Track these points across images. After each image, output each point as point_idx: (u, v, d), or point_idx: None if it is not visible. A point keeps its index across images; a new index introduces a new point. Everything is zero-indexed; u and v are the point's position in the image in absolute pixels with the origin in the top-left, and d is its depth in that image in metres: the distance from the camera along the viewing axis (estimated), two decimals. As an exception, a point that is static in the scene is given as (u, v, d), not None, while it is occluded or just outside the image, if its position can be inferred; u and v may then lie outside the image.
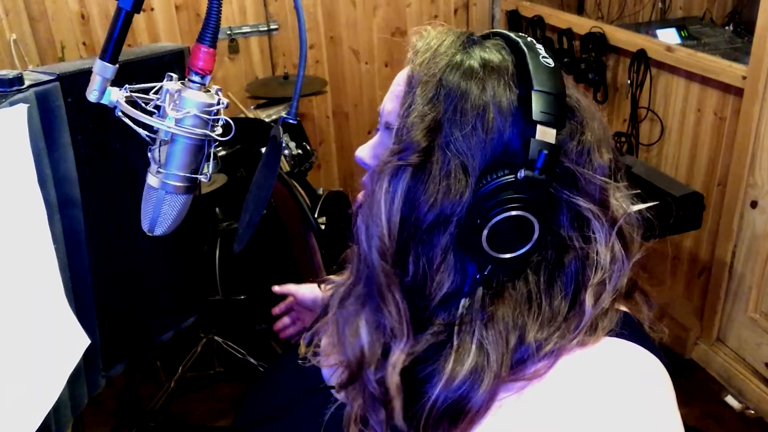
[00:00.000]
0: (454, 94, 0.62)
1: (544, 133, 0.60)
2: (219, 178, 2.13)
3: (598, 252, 0.63)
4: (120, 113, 0.64)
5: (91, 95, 0.64)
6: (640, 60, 2.38)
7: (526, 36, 0.66)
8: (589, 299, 0.62)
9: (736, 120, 2.06)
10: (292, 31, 2.91)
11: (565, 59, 2.66)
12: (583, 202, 0.62)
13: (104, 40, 0.64)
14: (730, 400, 2.17)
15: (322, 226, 2.09)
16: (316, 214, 2.12)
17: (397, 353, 0.64)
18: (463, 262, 0.63)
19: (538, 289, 0.64)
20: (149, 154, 0.66)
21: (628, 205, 0.67)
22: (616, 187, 0.66)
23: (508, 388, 0.61)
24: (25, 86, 0.85)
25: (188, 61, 0.65)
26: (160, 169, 0.66)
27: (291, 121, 0.76)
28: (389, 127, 0.68)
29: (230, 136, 0.66)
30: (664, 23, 2.85)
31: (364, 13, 3.00)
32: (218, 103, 0.66)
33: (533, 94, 0.60)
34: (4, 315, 0.74)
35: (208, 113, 0.65)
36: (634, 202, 0.68)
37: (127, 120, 0.64)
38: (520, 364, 0.61)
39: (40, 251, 0.81)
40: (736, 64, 2.07)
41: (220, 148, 2.11)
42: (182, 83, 0.65)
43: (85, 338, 0.86)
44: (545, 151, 0.59)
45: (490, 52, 0.64)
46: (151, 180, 0.67)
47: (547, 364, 0.61)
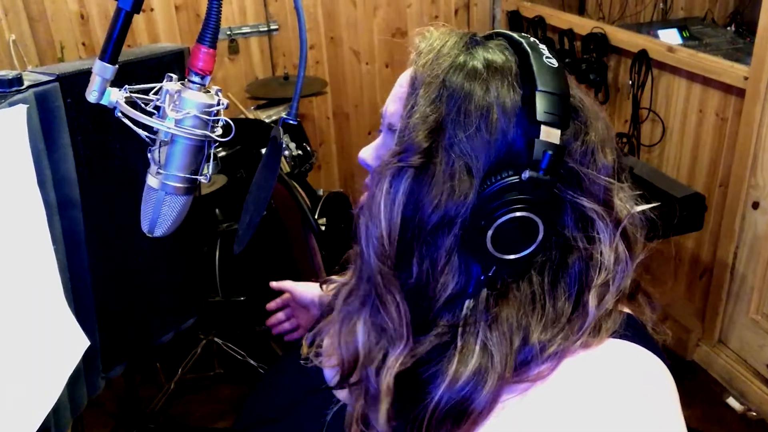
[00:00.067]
0: (457, 95, 0.61)
1: (549, 134, 0.59)
2: (219, 179, 2.12)
3: (602, 253, 0.63)
4: (120, 114, 0.64)
5: (91, 96, 0.63)
6: (642, 60, 2.38)
7: (529, 36, 0.66)
8: (593, 300, 0.62)
9: (737, 121, 2.06)
10: (293, 31, 2.91)
11: (566, 60, 2.66)
12: (587, 203, 0.62)
13: (104, 40, 0.63)
14: (732, 401, 2.16)
15: (323, 227, 2.09)
16: (316, 215, 2.12)
17: (395, 355, 0.64)
18: (468, 263, 0.63)
19: (542, 290, 0.63)
20: (149, 155, 0.66)
21: (632, 205, 0.67)
22: (620, 188, 0.66)
23: (512, 390, 0.61)
24: (24, 87, 0.85)
25: (188, 61, 0.65)
26: (160, 170, 0.65)
27: (291, 122, 0.76)
28: (392, 129, 0.68)
29: (230, 136, 0.66)
30: (666, 24, 2.85)
31: (365, 14, 3.00)
32: (218, 104, 0.65)
33: (537, 94, 0.60)
34: (4, 316, 0.74)
35: (208, 114, 0.65)
36: (638, 203, 0.68)
37: (126, 121, 0.63)
38: (523, 366, 0.61)
39: (40, 252, 0.81)
40: (737, 64, 2.07)
41: (220, 149, 2.10)
42: (182, 84, 0.65)
43: (84, 339, 0.86)
44: (549, 152, 0.59)
45: (494, 53, 0.64)
46: (151, 181, 0.66)
47: (551, 365, 0.61)
